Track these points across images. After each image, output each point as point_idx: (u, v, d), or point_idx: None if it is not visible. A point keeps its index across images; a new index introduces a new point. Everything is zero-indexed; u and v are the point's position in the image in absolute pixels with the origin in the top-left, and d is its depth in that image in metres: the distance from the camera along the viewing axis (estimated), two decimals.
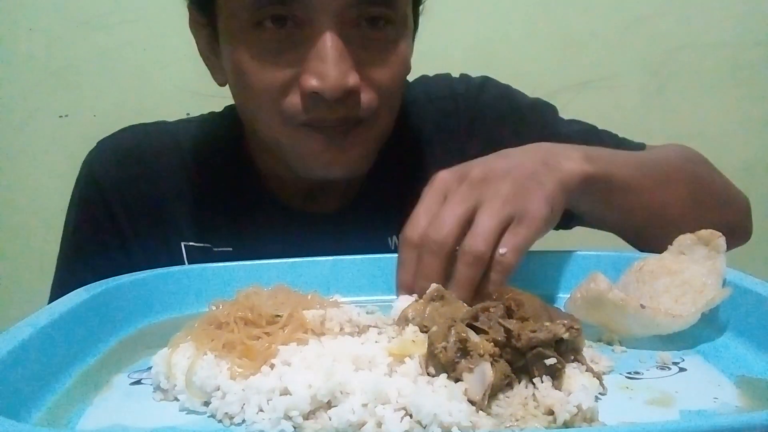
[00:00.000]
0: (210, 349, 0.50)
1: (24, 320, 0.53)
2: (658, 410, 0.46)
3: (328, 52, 0.68)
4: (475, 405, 0.43)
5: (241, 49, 0.72)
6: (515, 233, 0.61)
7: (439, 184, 0.65)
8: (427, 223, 0.62)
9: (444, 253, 0.61)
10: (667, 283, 0.61)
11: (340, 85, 0.69)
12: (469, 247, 0.60)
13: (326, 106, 0.71)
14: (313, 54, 0.69)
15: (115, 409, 0.48)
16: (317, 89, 0.69)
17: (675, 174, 0.80)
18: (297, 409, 0.43)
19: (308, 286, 0.63)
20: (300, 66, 0.70)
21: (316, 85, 0.69)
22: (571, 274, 0.71)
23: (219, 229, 0.86)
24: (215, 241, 0.85)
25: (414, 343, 0.50)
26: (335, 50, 0.68)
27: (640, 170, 0.76)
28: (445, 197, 0.64)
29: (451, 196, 0.63)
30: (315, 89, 0.69)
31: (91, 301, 0.60)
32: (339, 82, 0.69)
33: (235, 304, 0.56)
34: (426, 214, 0.63)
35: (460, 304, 0.57)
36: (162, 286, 0.68)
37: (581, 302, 0.59)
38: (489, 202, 0.62)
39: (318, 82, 0.69)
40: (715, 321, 0.59)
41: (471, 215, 0.61)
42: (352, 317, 0.57)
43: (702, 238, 0.64)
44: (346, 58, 0.69)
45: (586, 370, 0.49)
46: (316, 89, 0.69)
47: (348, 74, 0.69)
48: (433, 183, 0.66)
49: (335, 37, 0.68)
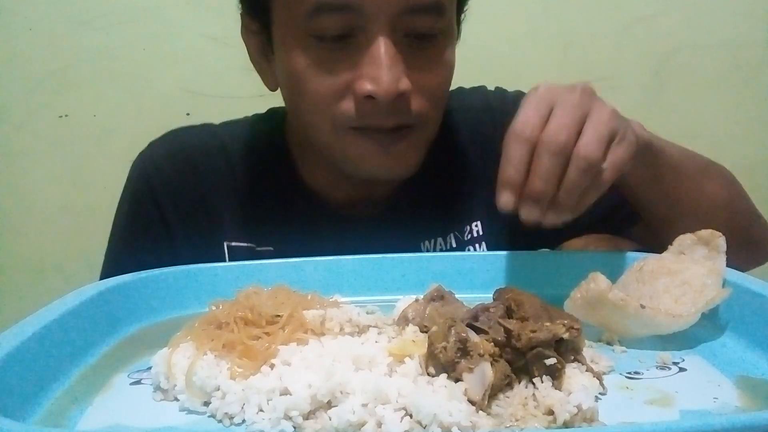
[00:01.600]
0: (210, 349, 0.50)
1: (24, 320, 0.53)
2: (658, 410, 0.46)
3: (381, 57, 0.70)
4: (475, 405, 0.43)
5: (296, 56, 0.75)
6: (615, 151, 0.62)
7: (544, 92, 0.65)
8: (541, 122, 0.61)
9: (566, 155, 0.60)
10: (667, 283, 0.61)
11: (393, 88, 0.71)
12: (585, 152, 0.60)
13: (379, 111, 0.73)
14: (367, 59, 0.71)
15: (115, 409, 0.48)
16: (371, 92, 0.71)
17: (714, 170, 0.83)
18: (297, 409, 0.43)
19: (308, 286, 0.63)
20: (354, 72, 0.72)
21: (370, 89, 0.71)
22: (571, 274, 0.70)
23: (261, 228, 0.88)
24: (258, 241, 0.87)
25: (414, 343, 0.50)
26: (388, 55, 0.71)
27: (685, 155, 0.79)
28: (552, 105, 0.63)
29: (564, 102, 0.63)
30: (369, 93, 0.71)
31: (91, 301, 0.60)
32: (392, 85, 0.71)
33: (235, 304, 0.56)
34: (537, 115, 0.62)
35: (460, 304, 0.57)
36: (162, 286, 0.68)
37: (581, 302, 0.59)
38: (599, 112, 0.63)
39: (372, 86, 0.71)
40: (715, 321, 0.59)
41: (582, 123, 0.62)
42: (352, 317, 0.57)
43: (702, 238, 0.64)
44: (398, 63, 0.71)
45: (586, 370, 0.49)
46: (370, 93, 0.71)
47: (400, 79, 0.71)
48: (537, 90, 0.65)
49: (388, 42, 0.71)
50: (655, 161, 0.73)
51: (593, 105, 0.63)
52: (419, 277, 0.71)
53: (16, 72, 1.59)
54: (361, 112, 0.73)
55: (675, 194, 0.77)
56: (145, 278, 0.68)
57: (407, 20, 0.72)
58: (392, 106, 0.72)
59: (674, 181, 0.76)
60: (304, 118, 0.80)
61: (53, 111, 1.61)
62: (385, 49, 0.70)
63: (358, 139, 0.76)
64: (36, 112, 1.61)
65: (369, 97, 0.71)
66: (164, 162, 0.91)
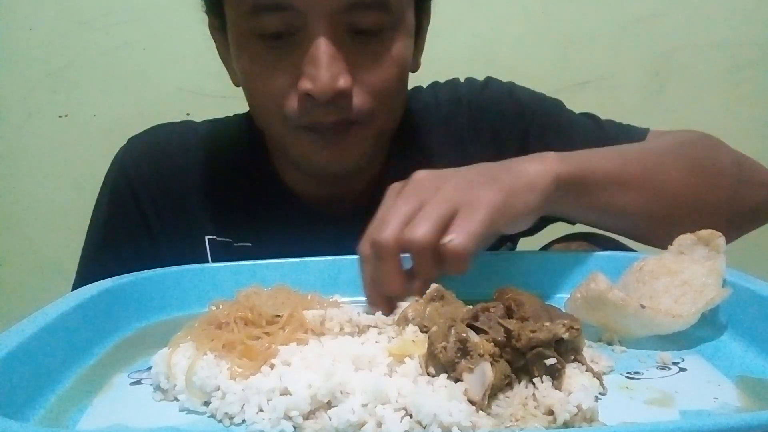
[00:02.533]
0: (210, 349, 0.50)
1: (24, 320, 0.53)
2: (658, 410, 0.46)
3: (319, 56, 0.71)
4: (475, 405, 0.43)
5: (243, 55, 0.77)
6: (462, 219, 0.59)
7: (389, 192, 0.65)
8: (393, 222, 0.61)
9: (392, 254, 0.59)
10: (667, 283, 0.61)
11: (330, 87, 0.71)
12: (409, 235, 0.58)
13: (319, 108, 0.73)
14: (306, 58, 0.72)
15: (115, 409, 0.48)
16: (309, 91, 0.72)
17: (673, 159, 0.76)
18: (297, 409, 0.43)
19: (308, 286, 0.63)
20: (296, 70, 0.73)
21: (309, 88, 0.72)
22: (571, 274, 0.71)
23: (240, 225, 0.88)
24: (236, 237, 0.88)
25: (414, 343, 0.50)
26: (326, 54, 0.71)
27: (623, 161, 0.73)
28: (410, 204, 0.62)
29: (396, 199, 0.63)
30: (307, 91, 0.72)
31: (91, 301, 0.60)
32: (329, 84, 0.71)
33: (235, 304, 0.56)
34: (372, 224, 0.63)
35: (460, 304, 0.57)
36: (162, 286, 0.68)
37: (581, 302, 0.59)
38: (433, 197, 0.61)
39: (310, 84, 0.72)
40: (715, 321, 0.59)
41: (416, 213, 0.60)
42: (352, 317, 0.57)
43: (702, 238, 0.64)
44: (337, 61, 0.72)
45: (586, 370, 0.49)
46: (309, 91, 0.72)
47: (338, 77, 0.72)
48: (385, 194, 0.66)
49: (327, 42, 0.71)
50: (584, 186, 0.69)
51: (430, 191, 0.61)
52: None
53: (16, 72, 1.60)
54: (303, 109, 0.74)
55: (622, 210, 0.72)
56: (145, 278, 0.68)
57: (348, 17, 0.72)
58: (332, 103, 0.73)
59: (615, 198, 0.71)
60: (257, 116, 0.82)
61: (53, 111, 1.61)
62: (324, 48, 0.71)
63: (303, 136, 0.77)
64: (36, 112, 1.61)
65: (308, 94, 0.72)
66: (143, 157, 0.92)
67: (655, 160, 0.75)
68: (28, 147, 1.63)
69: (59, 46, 1.59)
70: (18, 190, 1.65)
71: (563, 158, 0.68)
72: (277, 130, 0.79)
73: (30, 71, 1.60)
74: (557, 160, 0.67)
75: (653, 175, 0.73)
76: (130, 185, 0.90)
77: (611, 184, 0.70)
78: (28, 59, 1.59)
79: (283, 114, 0.75)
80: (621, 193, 0.71)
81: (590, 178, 0.69)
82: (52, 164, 1.63)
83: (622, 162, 0.73)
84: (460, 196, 0.60)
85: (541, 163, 0.66)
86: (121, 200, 0.91)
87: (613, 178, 0.71)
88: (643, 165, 0.74)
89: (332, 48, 0.71)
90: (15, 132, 1.62)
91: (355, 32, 0.73)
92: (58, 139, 1.62)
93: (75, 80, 1.60)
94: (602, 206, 0.71)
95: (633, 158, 0.75)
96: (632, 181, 0.72)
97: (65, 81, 1.60)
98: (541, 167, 0.66)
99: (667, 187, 0.73)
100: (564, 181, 0.66)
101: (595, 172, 0.70)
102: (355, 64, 0.73)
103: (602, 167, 0.70)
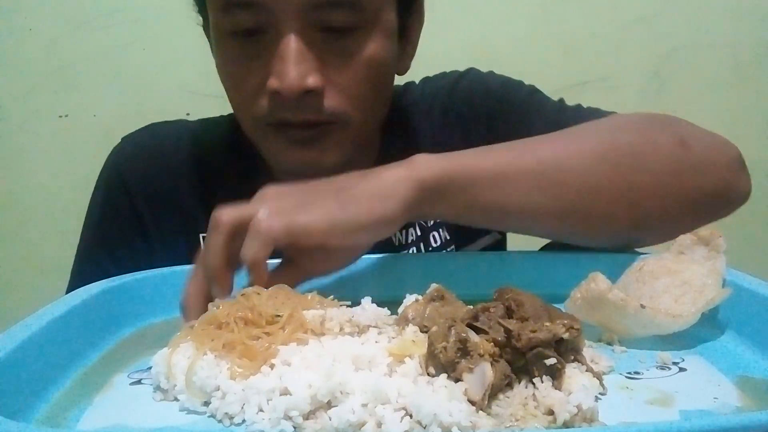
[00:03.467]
0: (210, 349, 0.50)
1: (24, 320, 0.53)
2: (658, 410, 0.46)
3: (287, 54, 0.70)
4: (475, 405, 0.43)
5: (219, 53, 0.77)
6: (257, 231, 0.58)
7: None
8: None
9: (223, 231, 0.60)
10: (667, 283, 0.60)
11: (297, 85, 0.70)
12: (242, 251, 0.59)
13: (287, 107, 0.73)
14: (275, 56, 0.71)
15: (115, 409, 0.48)
16: (277, 89, 0.71)
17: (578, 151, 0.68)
18: (297, 409, 0.43)
19: (308, 286, 0.63)
20: (267, 68, 0.73)
21: (276, 85, 0.71)
22: (571, 274, 0.70)
23: None
24: None
25: (414, 343, 0.50)
26: (295, 51, 0.70)
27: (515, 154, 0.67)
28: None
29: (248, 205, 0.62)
30: (275, 89, 0.71)
31: (91, 301, 0.60)
32: (296, 82, 0.70)
33: (235, 304, 0.56)
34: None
35: (460, 304, 0.57)
36: (162, 286, 0.68)
37: (581, 302, 0.59)
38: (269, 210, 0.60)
39: (277, 83, 0.71)
40: (715, 321, 0.59)
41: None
42: (352, 317, 0.57)
43: (702, 238, 0.64)
44: (306, 59, 0.71)
45: (586, 370, 0.49)
46: (276, 89, 0.71)
47: (307, 75, 0.71)
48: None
49: (297, 39, 0.70)
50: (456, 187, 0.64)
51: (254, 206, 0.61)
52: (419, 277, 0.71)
53: (16, 72, 1.60)
54: (271, 108, 0.74)
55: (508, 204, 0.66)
56: (145, 278, 0.68)
57: (318, 14, 0.71)
58: (301, 102, 0.72)
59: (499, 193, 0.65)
60: (235, 113, 0.82)
61: (53, 111, 1.61)
62: (293, 45, 0.70)
63: (273, 135, 0.76)
64: (36, 112, 1.61)
65: (277, 92, 0.72)
66: (137, 156, 0.92)
67: (558, 150, 0.68)
68: (28, 147, 1.63)
69: (59, 46, 1.59)
70: (18, 190, 1.65)
71: (435, 160, 0.64)
72: (248, 128, 0.79)
73: (30, 71, 1.60)
74: (425, 164, 0.63)
75: (550, 166, 0.66)
76: (124, 184, 0.90)
77: (495, 180, 0.65)
78: (28, 59, 1.59)
79: (252, 112, 0.75)
80: (510, 190, 0.65)
81: (465, 177, 0.64)
82: (52, 164, 1.63)
83: (513, 156, 0.66)
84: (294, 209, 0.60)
85: (405, 169, 0.63)
86: (114, 199, 0.91)
87: (496, 174, 0.65)
88: (538, 157, 0.66)
89: (301, 45, 0.70)
90: (15, 132, 1.62)
91: (327, 31, 0.72)
92: (58, 139, 1.62)
93: (75, 80, 1.60)
94: (485, 205, 0.65)
95: (527, 150, 0.68)
96: (521, 176, 0.65)
97: (65, 81, 1.60)
98: (402, 173, 0.62)
99: (566, 177, 0.66)
100: (430, 185, 0.62)
101: (472, 170, 0.64)
102: (327, 64, 0.72)
103: (481, 164, 0.65)
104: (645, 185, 0.67)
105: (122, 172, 0.91)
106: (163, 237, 0.89)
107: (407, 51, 0.84)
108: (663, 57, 1.62)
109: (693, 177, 0.69)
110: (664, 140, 0.70)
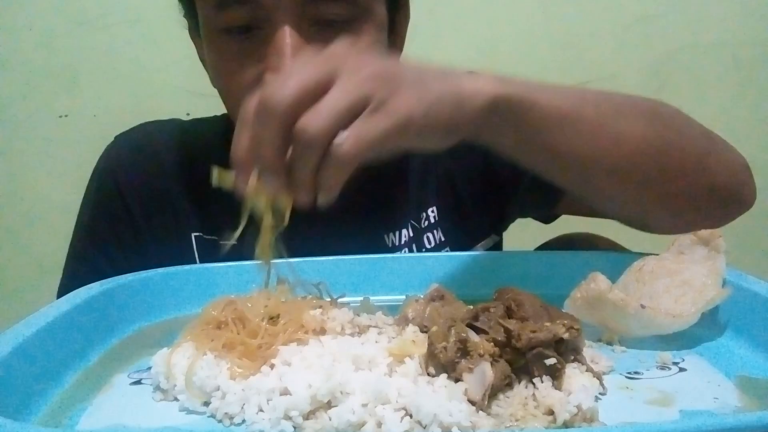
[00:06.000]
0: (210, 349, 0.50)
1: (24, 320, 0.53)
2: (658, 410, 0.46)
3: (284, 48, 0.70)
4: (475, 405, 0.43)
5: (213, 52, 0.77)
6: (363, 121, 0.50)
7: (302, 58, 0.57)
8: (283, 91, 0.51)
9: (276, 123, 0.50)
10: (667, 283, 0.61)
11: None
12: (303, 125, 0.49)
13: None
14: (272, 51, 0.71)
15: (115, 409, 0.48)
16: None
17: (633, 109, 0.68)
18: (297, 409, 0.43)
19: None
20: (262, 64, 0.72)
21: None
22: (571, 274, 0.70)
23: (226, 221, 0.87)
24: (220, 234, 0.87)
25: (414, 343, 0.50)
26: (290, 45, 0.70)
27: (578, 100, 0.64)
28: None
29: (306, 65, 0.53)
30: None
31: (92, 301, 0.60)
32: None
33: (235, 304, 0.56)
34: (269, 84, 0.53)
35: (460, 304, 0.57)
36: (162, 286, 0.68)
37: (581, 302, 0.59)
38: (346, 76, 0.51)
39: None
40: (715, 321, 0.59)
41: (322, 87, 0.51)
42: (352, 317, 0.57)
43: (702, 238, 0.64)
44: (302, 52, 0.70)
45: (586, 370, 0.49)
46: None
47: None
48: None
49: (292, 32, 0.70)
50: (527, 114, 0.60)
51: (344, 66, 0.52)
52: (419, 277, 0.71)
53: (16, 72, 1.60)
54: None
55: (566, 149, 0.63)
56: (145, 278, 0.68)
57: (312, 8, 0.71)
58: None
59: (561, 134, 0.62)
60: (230, 112, 0.81)
61: (53, 111, 1.61)
62: (289, 38, 0.70)
63: None
64: (36, 112, 1.61)
65: None
66: (129, 154, 0.91)
67: (615, 108, 0.67)
68: (28, 147, 1.63)
69: (59, 46, 1.59)
70: (18, 190, 1.65)
71: (507, 81, 0.59)
72: None
73: (30, 71, 1.60)
74: (499, 81, 0.59)
75: (612, 121, 0.65)
76: (116, 182, 0.90)
77: (559, 122, 0.62)
78: (28, 59, 1.59)
79: None
80: (571, 134, 0.62)
81: (535, 110, 0.60)
82: (52, 164, 1.63)
83: (576, 101, 0.63)
84: (377, 87, 0.51)
85: (479, 81, 0.58)
86: (106, 197, 0.90)
87: (563, 115, 0.62)
88: (600, 110, 0.64)
89: (297, 38, 0.70)
90: (15, 132, 1.62)
91: (322, 25, 0.72)
92: (58, 139, 1.62)
93: (75, 80, 1.60)
94: (546, 146, 0.63)
95: (590, 100, 0.65)
96: (585, 124, 0.63)
97: (65, 81, 1.60)
98: (478, 84, 0.57)
99: (626, 138, 0.65)
100: (502, 105, 0.58)
101: (542, 104, 0.60)
102: None
103: (551, 101, 0.61)
104: (680, 164, 0.68)
105: (114, 170, 0.90)
106: (155, 235, 0.89)
107: (397, 45, 0.84)
108: (663, 57, 1.62)
109: (716, 166, 0.71)
110: (696, 126, 0.73)
